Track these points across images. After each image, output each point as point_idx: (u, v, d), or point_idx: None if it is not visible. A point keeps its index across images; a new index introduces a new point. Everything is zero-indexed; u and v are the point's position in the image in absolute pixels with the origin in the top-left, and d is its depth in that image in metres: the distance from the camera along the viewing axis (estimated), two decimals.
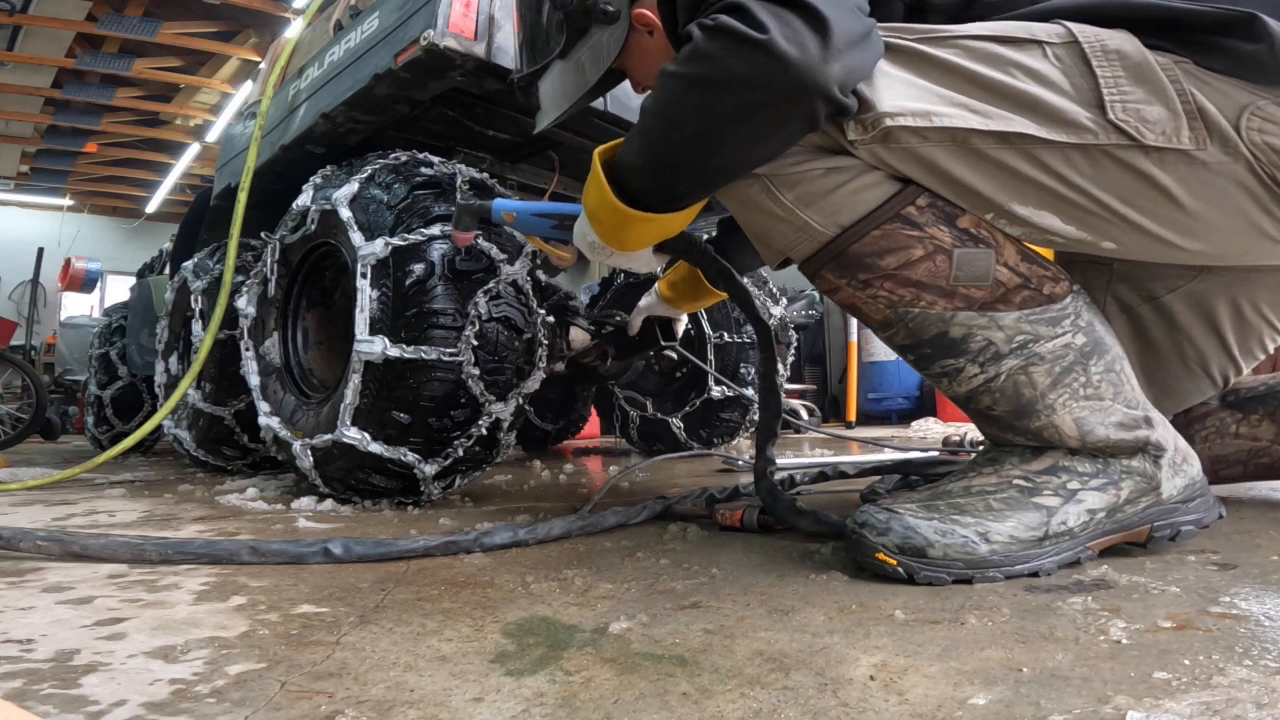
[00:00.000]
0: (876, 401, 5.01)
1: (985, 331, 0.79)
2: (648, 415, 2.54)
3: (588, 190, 0.93)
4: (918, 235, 0.78)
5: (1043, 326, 0.78)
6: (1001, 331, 0.78)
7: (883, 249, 0.78)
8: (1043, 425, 0.80)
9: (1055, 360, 0.79)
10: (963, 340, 0.80)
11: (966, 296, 0.78)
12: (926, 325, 0.81)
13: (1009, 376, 0.79)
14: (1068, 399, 0.79)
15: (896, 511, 0.77)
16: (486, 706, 0.50)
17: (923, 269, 0.78)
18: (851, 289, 0.82)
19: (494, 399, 1.41)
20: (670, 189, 0.86)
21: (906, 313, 0.81)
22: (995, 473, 0.82)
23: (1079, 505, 0.78)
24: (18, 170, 9.04)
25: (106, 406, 3.27)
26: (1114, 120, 0.71)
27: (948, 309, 0.79)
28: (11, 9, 5.77)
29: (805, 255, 0.83)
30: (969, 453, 1.99)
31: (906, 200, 0.78)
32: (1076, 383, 0.79)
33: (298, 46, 2.19)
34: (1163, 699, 0.46)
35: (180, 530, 1.25)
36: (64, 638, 0.66)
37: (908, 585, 0.74)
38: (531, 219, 1.19)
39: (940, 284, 0.78)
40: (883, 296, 0.81)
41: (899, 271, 0.78)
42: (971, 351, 0.80)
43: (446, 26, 1.47)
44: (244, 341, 1.74)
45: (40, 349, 7.96)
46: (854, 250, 0.79)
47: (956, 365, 0.81)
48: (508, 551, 1.00)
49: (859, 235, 0.79)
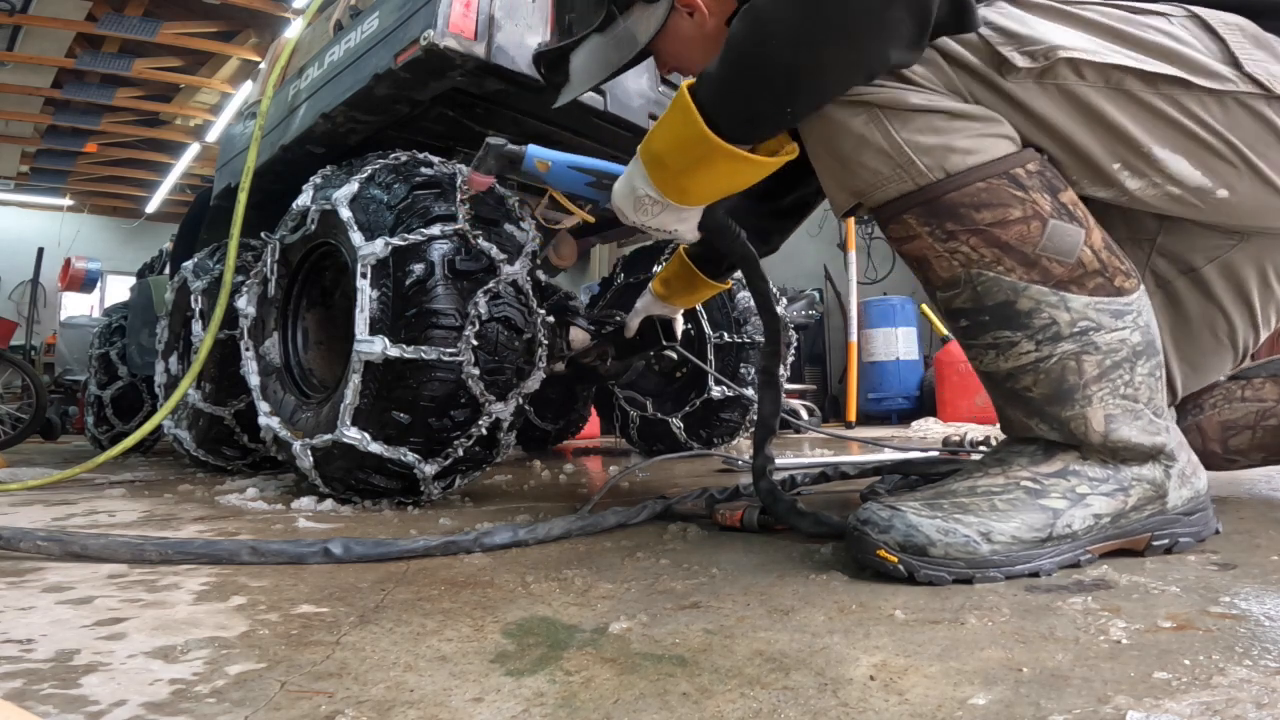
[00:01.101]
0: (876, 401, 5.01)
1: (1053, 310, 0.78)
2: (648, 415, 2.54)
3: (659, 129, 0.89)
4: (1021, 196, 0.77)
5: (1107, 317, 0.78)
6: (1068, 313, 0.78)
7: (981, 202, 0.77)
8: (1073, 415, 0.79)
9: (1109, 353, 0.78)
10: (1028, 314, 0.79)
11: (1046, 270, 0.78)
12: (995, 291, 0.79)
13: (1060, 360, 0.78)
14: (1107, 394, 0.79)
15: (899, 509, 0.77)
16: (486, 706, 0.50)
17: (1015, 231, 0.77)
18: (931, 239, 0.80)
19: (494, 399, 1.41)
20: (756, 106, 0.82)
21: (979, 275, 0.79)
22: (1002, 473, 0.81)
23: (1086, 509, 0.78)
24: (18, 170, 9.04)
25: (106, 406, 3.27)
26: (1248, 72, 0.77)
27: (1023, 279, 0.78)
28: (11, 9, 5.77)
29: (890, 197, 0.80)
30: (968, 453, 1.99)
31: (1020, 161, 0.78)
32: (1120, 380, 0.79)
33: (298, 46, 2.19)
34: (1163, 699, 0.46)
35: (180, 530, 1.25)
36: (64, 638, 0.66)
37: (908, 585, 0.74)
38: (567, 171, 1.13)
39: (1026, 250, 0.77)
40: (962, 253, 0.79)
41: (990, 229, 0.77)
42: (1033, 327, 0.79)
43: (446, 26, 1.47)
44: (244, 341, 1.74)
45: (40, 349, 7.96)
46: (951, 199, 0.78)
47: (1011, 338, 0.80)
48: (508, 551, 1.00)
49: (962, 184, 0.77)
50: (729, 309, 2.41)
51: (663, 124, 0.89)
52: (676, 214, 0.96)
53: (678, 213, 0.96)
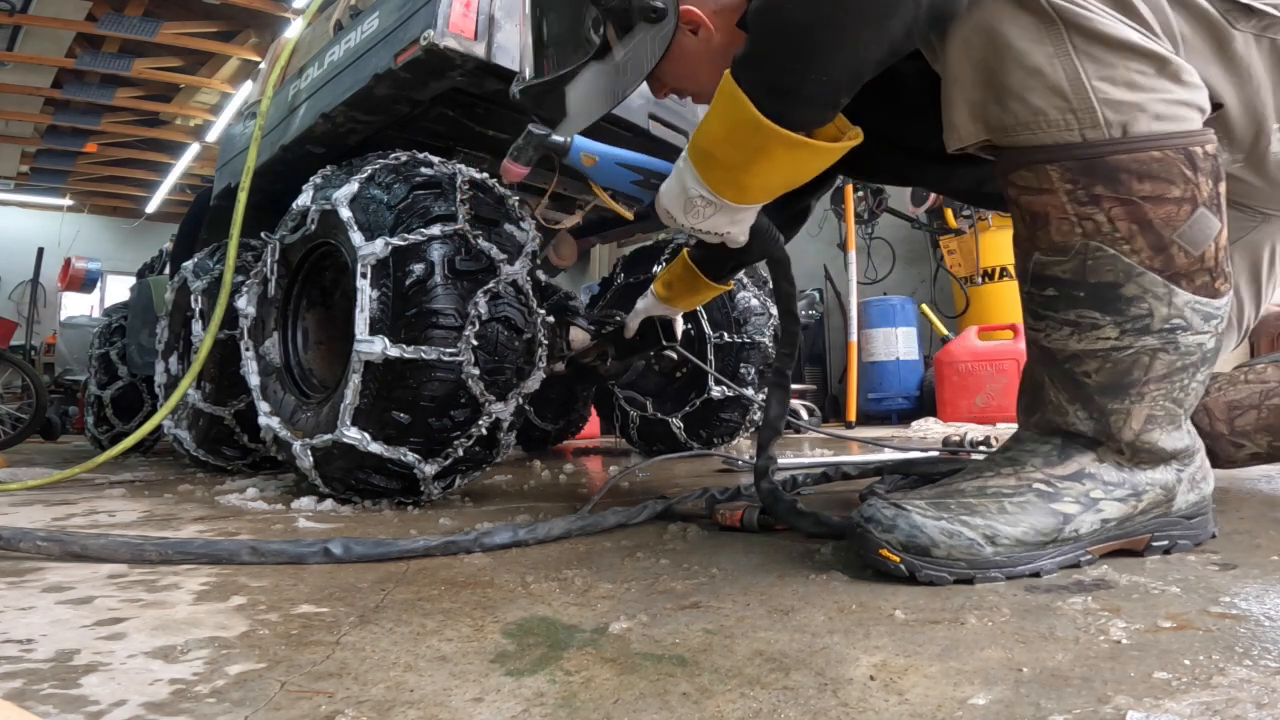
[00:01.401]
0: (876, 401, 5.01)
1: (1155, 301, 0.73)
2: (648, 415, 2.54)
3: (707, 123, 0.84)
4: (1188, 176, 0.71)
5: (1198, 319, 0.75)
6: (1168, 308, 0.74)
7: (1148, 172, 0.70)
8: (1118, 410, 0.76)
9: (1183, 355, 0.75)
10: (1129, 300, 0.74)
11: (1170, 258, 0.72)
12: (1106, 269, 0.73)
13: (1137, 353, 0.75)
14: (1160, 397, 0.76)
15: (904, 509, 0.76)
16: (486, 706, 0.50)
17: (1164, 211, 0.71)
18: (1067, 198, 0.73)
19: (494, 399, 1.41)
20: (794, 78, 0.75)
21: (1097, 248, 0.73)
22: (1015, 474, 0.79)
23: (1096, 514, 0.76)
24: (18, 170, 9.05)
25: (106, 406, 3.27)
26: None
27: (1143, 263, 0.73)
28: (11, 9, 5.77)
29: (1043, 143, 0.72)
30: (968, 453, 1.99)
31: (1202, 140, 0.72)
32: (1178, 385, 0.76)
33: (298, 46, 2.19)
34: (1163, 699, 0.46)
35: (180, 530, 1.25)
36: (64, 638, 0.66)
37: (908, 585, 0.74)
38: (614, 167, 1.07)
39: (1164, 233, 0.72)
40: (1094, 221, 0.72)
41: (1142, 202, 0.71)
42: (1125, 315, 0.74)
43: (446, 26, 1.47)
44: (244, 341, 1.74)
45: (40, 349, 7.96)
46: (1116, 160, 0.70)
47: (1097, 321, 0.75)
48: (508, 551, 1.00)
49: (1136, 148, 0.70)
50: (729, 309, 2.41)
51: (710, 117, 0.84)
52: (731, 215, 0.91)
53: (732, 214, 0.91)
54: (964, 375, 4.16)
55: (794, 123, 0.79)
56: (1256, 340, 3.21)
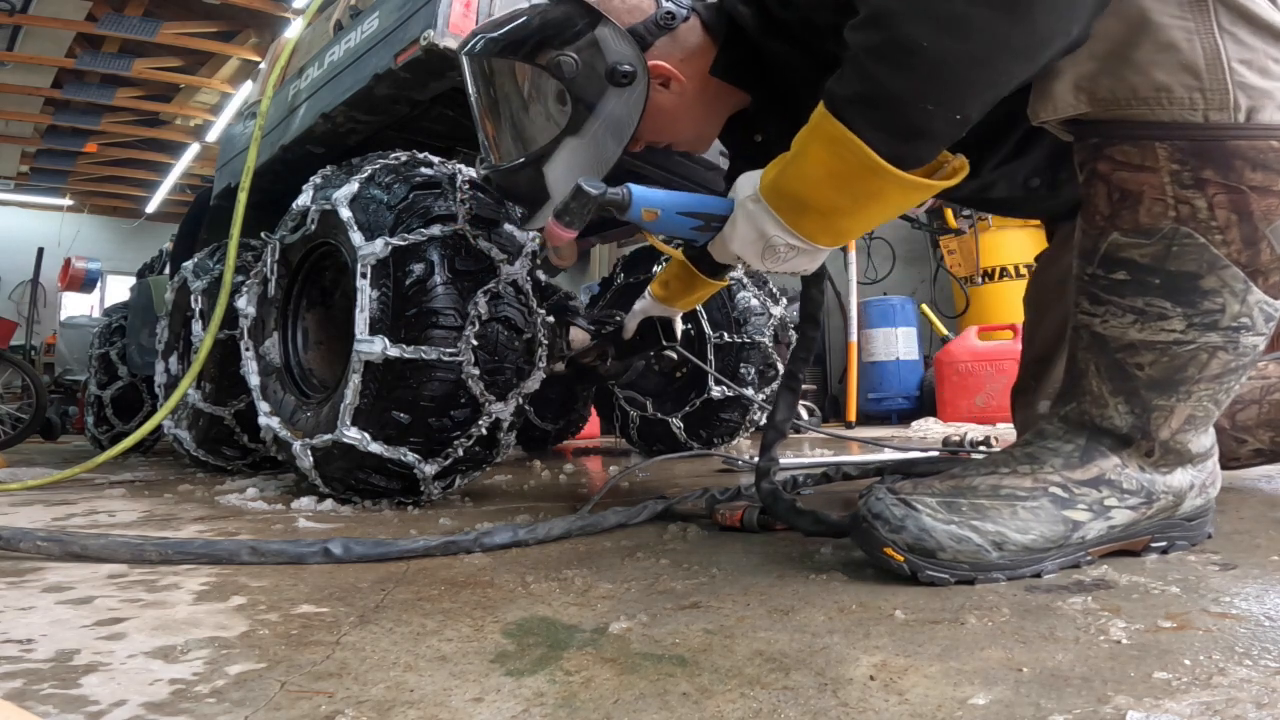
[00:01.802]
0: (876, 401, 5.01)
1: (1230, 297, 0.71)
2: (648, 415, 2.54)
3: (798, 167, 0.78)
4: None
5: (1261, 320, 0.73)
6: (1240, 305, 0.71)
7: (1262, 162, 0.68)
8: (1162, 407, 0.75)
9: (1239, 355, 0.73)
10: (1205, 294, 0.71)
11: (1257, 252, 0.70)
12: (1190, 258, 0.71)
13: (1198, 348, 0.72)
14: (1205, 397, 0.75)
15: (914, 508, 0.75)
16: (486, 706, 0.50)
17: (1267, 204, 0.69)
18: (1170, 179, 0.70)
19: (494, 399, 1.41)
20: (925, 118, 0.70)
21: (1188, 235, 0.70)
22: (1032, 474, 0.77)
23: (1106, 522, 0.76)
24: (18, 170, 9.05)
25: (106, 406, 3.27)
26: None
27: (1231, 254, 0.70)
28: (11, 9, 5.77)
29: (1160, 120, 0.69)
30: (968, 453, 1.99)
31: None
32: (1223, 386, 0.75)
33: (298, 46, 2.19)
34: (1163, 699, 0.46)
35: (180, 530, 1.25)
36: (64, 638, 0.66)
37: (908, 585, 0.74)
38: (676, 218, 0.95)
39: (1258, 226, 0.69)
40: (1192, 205, 0.70)
41: (1249, 191, 0.68)
42: (1199, 308, 0.71)
43: (446, 26, 1.47)
44: (244, 341, 1.74)
45: (40, 349, 7.96)
46: (1235, 146, 0.68)
47: (1166, 311, 0.72)
48: (508, 551, 1.00)
49: (1258, 136, 0.68)
50: (729, 309, 2.41)
51: (803, 161, 0.78)
52: (813, 255, 0.85)
53: (814, 254, 0.85)
54: (964, 375, 4.16)
55: (914, 163, 0.74)
56: None
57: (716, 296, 2.40)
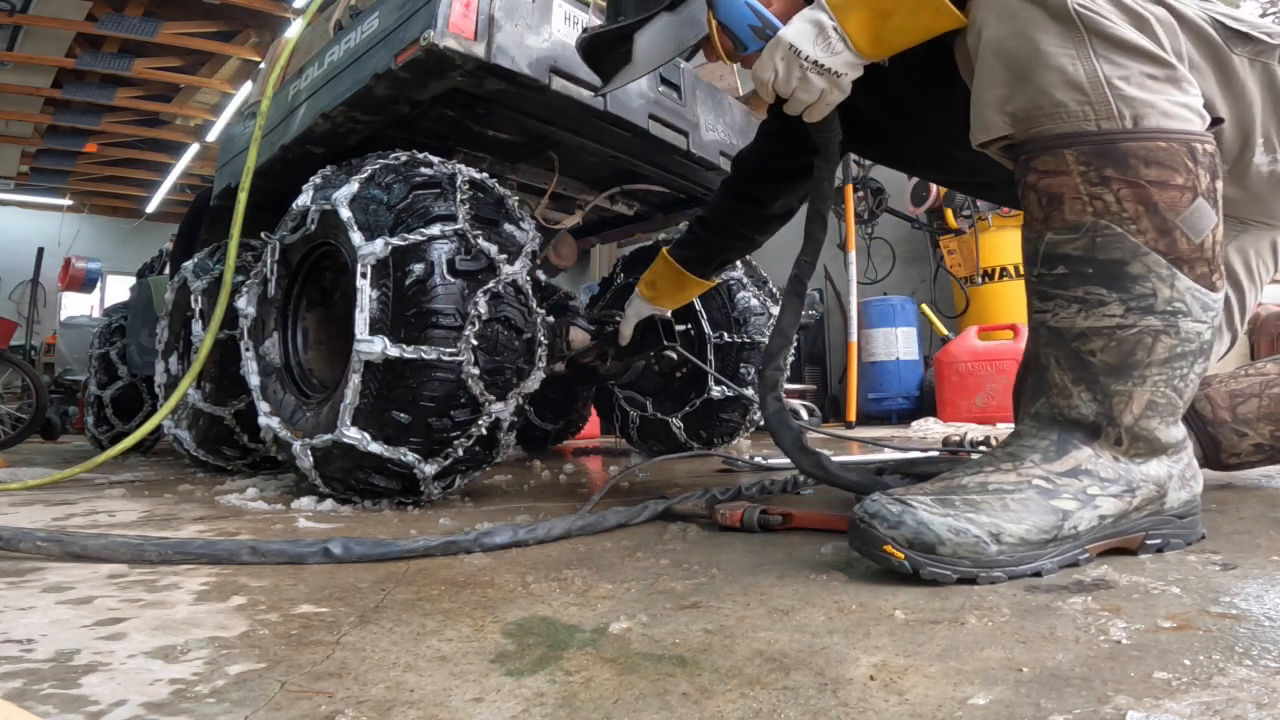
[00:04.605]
0: (876, 401, 5.00)
1: (1158, 282, 0.79)
2: (648, 415, 2.54)
3: None
4: (1190, 167, 0.78)
5: (1197, 307, 0.79)
6: (1170, 290, 0.79)
7: (1154, 159, 0.78)
8: (1121, 391, 0.80)
9: (1183, 341, 0.79)
10: (1134, 278, 0.79)
11: (1173, 241, 0.78)
12: (1114, 247, 0.79)
13: (1140, 332, 0.79)
14: (1161, 382, 0.80)
15: (910, 505, 0.76)
16: (486, 706, 0.50)
17: (1168, 196, 0.78)
18: (1081, 179, 0.80)
19: (494, 399, 1.41)
20: None
21: (1107, 227, 0.79)
22: (1015, 470, 0.81)
23: (1094, 511, 0.78)
24: (18, 170, 9.05)
25: (106, 406, 3.27)
26: None
27: (1148, 242, 0.78)
28: (11, 9, 5.77)
29: (1063, 131, 0.80)
30: (968, 453, 1.99)
31: (1202, 139, 0.80)
32: (1177, 372, 0.80)
33: (298, 46, 2.19)
34: (1163, 699, 0.46)
35: (180, 530, 1.25)
36: (64, 638, 0.66)
37: (908, 585, 0.74)
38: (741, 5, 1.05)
39: (1168, 217, 0.78)
40: (1104, 201, 0.79)
41: (1148, 186, 0.78)
42: (1132, 293, 0.79)
43: (446, 26, 1.47)
44: (244, 341, 1.74)
45: (40, 349, 7.97)
46: (1126, 148, 0.78)
47: (1103, 298, 0.80)
48: (508, 551, 1.00)
49: (1146, 138, 0.78)
50: (729, 309, 2.41)
51: None
52: (853, 59, 0.95)
53: (855, 58, 0.95)
54: (964, 375, 4.16)
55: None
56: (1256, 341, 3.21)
57: (716, 297, 2.40)
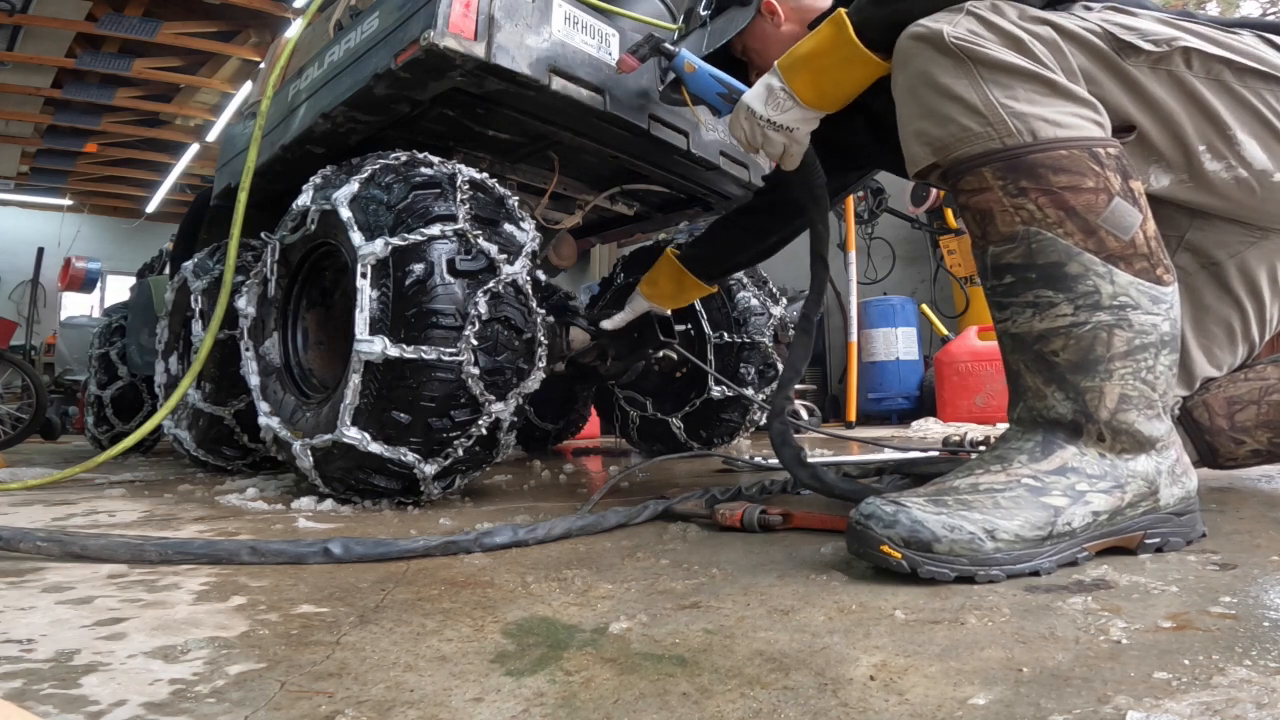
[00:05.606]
0: (876, 401, 5.00)
1: (1098, 279, 0.82)
2: (648, 415, 2.54)
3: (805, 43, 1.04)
4: (1097, 170, 0.83)
5: (1145, 300, 0.83)
6: (1112, 286, 0.82)
7: (1060, 166, 0.83)
8: (1091, 388, 0.82)
9: (1139, 334, 0.82)
10: (1074, 278, 0.82)
11: (1101, 241, 0.82)
12: (1049, 251, 0.83)
13: (1094, 329, 0.82)
14: (1128, 374, 0.82)
15: (904, 505, 0.77)
16: (486, 706, 0.50)
17: (1084, 199, 0.82)
18: (1002, 193, 0.85)
19: (494, 399, 1.41)
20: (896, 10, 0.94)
21: (1038, 233, 0.83)
22: (1004, 471, 0.82)
23: (1086, 507, 0.79)
24: (18, 170, 9.05)
25: (106, 406, 3.27)
26: None
27: (1079, 244, 0.82)
28: (11, 9, 5.77)
29: (975, 153, 0.86)
30: (968, 453, 1.99)
31: (1104, 143, 0.84)
32: (1143, 364, 0.82)
33: (298, 46, 2.19)
34: (1163, 699, 0.46)
35: (180, 530, 1.25)
36: (64, 638, 0.66)
37: (908, 585, 0.74)
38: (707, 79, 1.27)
39: (1089, 218, 0.82)
40: (1028, 210, 0.84)
41: (1062, 192, 0.82)
42: (1076, 292, 0.82)
43: (446, 26, 1.47)
44: (244, 341, 1.74)
45: (40, 349, 7.96)
46: (1033, 159, 0.83)
47: (1052, 299, 0.84)
48: (508, 551, 1.00)
49: (1048, 149, 0.83)
50: (729, 309, 2.41)
51: (809, 40, 1.04)
52: (802, 113, 1.08)
53: (804, 112, 1.08)
54: (964, 375, 4.16)
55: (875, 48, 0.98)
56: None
57: (716, 297, 2.40)
